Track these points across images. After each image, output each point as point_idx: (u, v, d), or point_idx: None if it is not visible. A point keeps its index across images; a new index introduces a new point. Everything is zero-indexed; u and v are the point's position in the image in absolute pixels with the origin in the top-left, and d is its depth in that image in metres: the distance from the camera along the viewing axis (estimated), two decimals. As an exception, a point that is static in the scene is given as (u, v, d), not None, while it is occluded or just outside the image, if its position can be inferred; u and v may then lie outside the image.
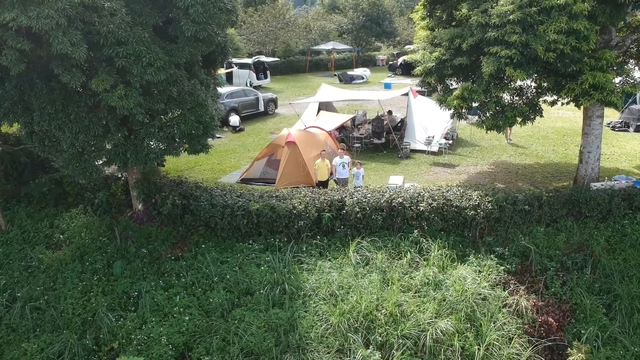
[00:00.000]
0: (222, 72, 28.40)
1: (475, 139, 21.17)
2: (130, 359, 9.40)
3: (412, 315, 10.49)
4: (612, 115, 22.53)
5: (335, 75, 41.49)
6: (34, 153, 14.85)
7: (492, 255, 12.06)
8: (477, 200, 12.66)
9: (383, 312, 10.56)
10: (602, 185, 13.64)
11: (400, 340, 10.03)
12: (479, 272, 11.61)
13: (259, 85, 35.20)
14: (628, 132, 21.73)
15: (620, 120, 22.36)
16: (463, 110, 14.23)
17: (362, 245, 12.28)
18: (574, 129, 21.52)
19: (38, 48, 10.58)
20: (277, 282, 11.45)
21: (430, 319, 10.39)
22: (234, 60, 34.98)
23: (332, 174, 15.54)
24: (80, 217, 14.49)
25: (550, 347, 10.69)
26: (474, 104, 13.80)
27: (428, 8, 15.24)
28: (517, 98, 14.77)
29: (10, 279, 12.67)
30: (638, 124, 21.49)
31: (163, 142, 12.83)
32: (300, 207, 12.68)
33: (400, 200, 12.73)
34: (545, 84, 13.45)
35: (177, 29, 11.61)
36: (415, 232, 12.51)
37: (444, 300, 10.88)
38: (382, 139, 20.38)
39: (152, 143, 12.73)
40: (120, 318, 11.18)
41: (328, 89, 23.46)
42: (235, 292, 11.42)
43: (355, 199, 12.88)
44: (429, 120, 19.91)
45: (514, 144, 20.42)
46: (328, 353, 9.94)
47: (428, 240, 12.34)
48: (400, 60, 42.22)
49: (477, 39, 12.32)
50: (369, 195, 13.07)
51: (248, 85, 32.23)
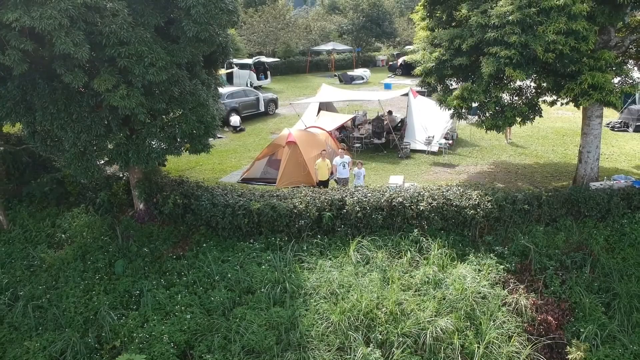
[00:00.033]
0: (222, 72, 28.41)
1: (475, 139, 21.23)
2: (133, 357, 9.43)
3: (412, 314, 10.54)
4: (611, 116, 22.59)
5: (336, 76, 41.55)
6: (36, 153, 14.90)
7: (491, 254, 12.13)
8: (476, 200, 12.71)
9: (383, 310, 10.61)
10: (601, 185, 13.69)
11: (401, 339, 10.09)
12: (479, 271, 11.67)
13: (260, 86, 35.26)
14: (627, 132, 21.79)
15: (620, 121, 22.42)
16: (463, 110, 14.30)
17: (362, 244, 12.34)
18: (574, 129, 21.59)
19: (40, 48, 10.62)
20: (278, 280, 11.51)
21: (430, 318, 10.44)
22: (235, 61, 35.06)
23: (332, 174, 15.60)
24: (82, 216, 14.55)
25: (550, 345, 10.75)
26: (474, 104, 13.85)
27: (428, 9, 15.31)
28: (516, 98, 14.84)
29: (13, 278, 12.73)
30: (637, 124, 21.54)
31: (164, 141, 12.89)
32: (301, 206, 12.74)
33: (401, 200, 12.79)
34: (545, 84, 13.52)
35: (178, 30, 11.68)
36: (415, 231, 12.57)
37: (444, 299, 10.94)
38: (382, 139, 20.44)
39: (153, 143, 12.80)
40: (122, 316, 11.24)
41: (328, 90, 23.49)
42: (237, 290, 11.48)
43: (356, 199, 12.94)
44: (429, 121, 19.97)
45: (514, 144, 20.48)
46: (329, 351, 10.00)
47: (428, 240, 12.41)
48: (400, 61, 42.28)
49: (476, 40, 12.39)
50: (369, 195, 13.13)
51: (248, 86, 32.28)
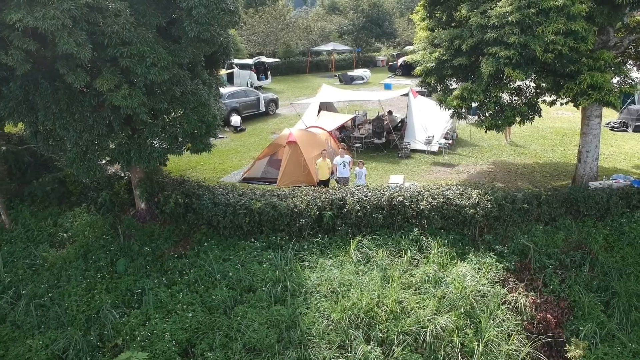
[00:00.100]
0: (223, 72, 28.48)
1: (475, 139, 21.29)
2: (135, 354, 9.49)
3: (412, 312, 10.62)
4: (610, 116, 22.66)
5: (336, 76, 41.60)
6: (38, 152, 14.94)
7: (491, 253, 12.20)
8: (476, 199, 12.78)
9: (384, 308, 10.68)
10: (600, 185, 13.75)
11: (401, 337, 10.16)
12: (479, 269, 11.73)
13: (260, 86, 35.31)
14: (627, 132, 21.85)
15: (619, 121, 22.48)
16: (463, 110, 14.36)
17: (362, 243, 12.41)
18: (573, 129, 21.65)
19: (43, 48, 10.67)
20: (279, 279, 11.57)
21: (430, 316, 10.51)
22: (235, 61, 35.11)
23: (332, 173, 15.67)
24: (84, 215, 14.63)
25: (549, 343, 10.82)
26: (474, 104, 13.92)
27: (428, 9, 15.38)
28: (516, 98, 14.90)
29: (15, 277, 12.82)
30: (636, 124, 21.60)
31: (166, 141, 12.95)
32: (302, 205, 12.81)
33: (401, 199, 12.86)
34: (544, 84, 13.58)
35: (180, 30, 11.75)
36: (416, 230, 12.64)
37: (444, 298, 11.01)
38: (382, 139, 20.51)
39: (155, 142, 12.85)
40: (124, 315, 11.31)
41: (328, 90, 23.55)
42: (238, 289, 11.55)
43: (356, 198, 13.01)
44: (429, 120, 20.03)
45: (513, 144, 20.54)
46: (329, 349, 10.06)
47: (428, 239, 12.48)
48: (400, 61, 42.31)
49: (476, 40, 12.45)
50: (370, 194, 13.20)
51: (249, 86, 32.35)
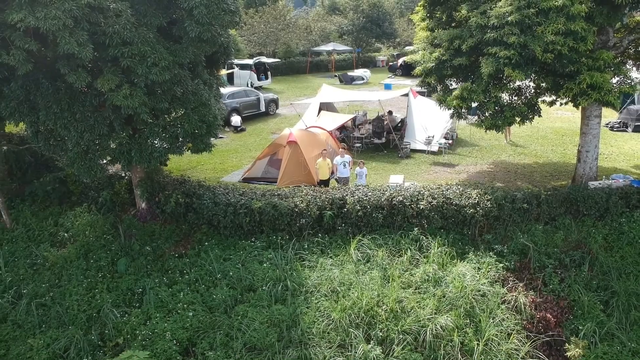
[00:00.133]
0: (223, 73, 28.52)
1: (475, 139, 21.33)
2: (136, 353, 9.52)
3: (412, 311, 10.65)
4: (610, 116, 22.69)
5: (336, 76, 41.64)
6: (38, 152, 15.00)
7: (491, 253, 12.23)
8: (476, 199, 12.81)
9: (384, 308, 10.72)
10: (599, 184, 13.78)
11: (401, 336, 10.19)
12: (478, 269, 11.77)
13: (260, 86, 35.36)
14: (626, 132, 21.88)
15: (619, 121, 22.51)
16: (462, 110, 14.40)
17: (363, 243, 12.44)
18: (573, 129, 21.68)
19: (44, 48, 10.73)
20: (279, 278, 11.61)
21: (430, 315, 10.55)
22: (235, 61, 35.15)
23: (333, 173, 15.70)
24: (85, 215, 14.66)
25: (549, 342, 10.85)
26: (474, 104, 13.96)
27: (428, 9, 15.41)
28: (515, 98, 14.93)
29: (16, 276, 12.86)
30: (636, 124, 21.63)
31: (167, 141, 12.99)
32: (302, 205, 12.84)
33: (401, 199, 12.89)
34: (544, 84, 13.62)
35: (181, 30, 11.79)
36: (416, 230, 12.67)
37: (444, 297, 11.04)
38: (382, 139, 20.55)
39: (156, 142, 12.89)
40: (125, 314, 11.35)
41: (329, 90, 23.58)
42: (238, 288, 11.59)
43: (356, 198, 13.04)
44: (429, 120, 20.07)
45: (513, 144, 20.58)
46: (330, 348, 10.09)
47: (428, 238, 12.51)
48: (400, 61, 42.34)
49: (476, 40, 12.49)
50: (370, 194, 13.23)
51: (249, 86, 32.39)
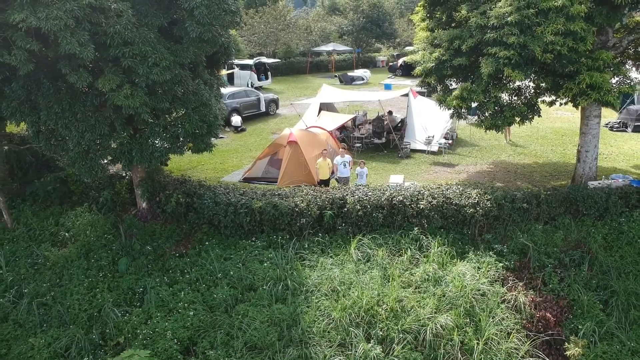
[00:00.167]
0: (223, 73, 28.53)
1: (475, 139, 21.36)
2: (137, 352, 9.55)
3: (412, 311, 10.69)
4: (610, 116, 22.73)
5: (336, 77, 41.67)
6: (39, 152, 15.02)
7: (490, 252, 12.27)
8: (476, 199, 12.84)
9: (384, 307, 10.75)
10: (599, 184, 13.81)
11: (401, 335, 10.23)
12: (478, 268, 11.81)
13: (260, 86, 35.39)
14: (626, 132, 21.92)
15: (619, 121, 22.55)
16: (462, 110, 14.43)
17: (363, 243, 12.48)
18: (573, 129, 21.72)
19: (45, 48, 10.76)
20: (279, 278, 11.64)
21: (430, 314, 10.58)
22: (236, 62, 35.18)
23: (333, 173, 15.74)
24: (85, 215, 14.70)
25: (548, 341, 10.89)
26: (473, 104, 13.99)
27: (428, 9, 15.44)
28: (515, 98, 14.96)
29: (17, 276, 12.89)
30: (636, 124, 21.67)
31: (168, 141, 13.03)
32: (302, 205, 12.87)
33: (401, 199, 12.92)
34: (543, 84, 13.65)
35: (182, 30, 11.82)
36: (416, 229, 12.70)
37: (444, 296, 11.07)
38: (382, 139, 20.58)
39: (157, 142, 12.92)
40: (126, 313, 11.39)
41: (329, 90, 23.61)
42: (239, 288, 11.62)
43: (357, 197, 13.07)
44: (429, 121, 20.10)
45: (513, 144, 20.61)
46: (330, 347, 10.13)
47: (428, 238, 12.55)
48: (400, 62, 42.38)
49: (476, 40, 12.52)
50: (370, 194, 13.26)
51: (249, 86, 32.43)
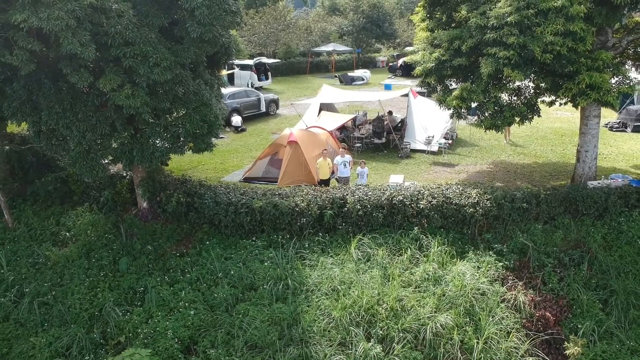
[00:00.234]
0: (224, 73, 28.56)
1: (475, 139, 21.39)
2: (138, 351, 9.59)
3: (412, 310, 10.72)
4: (610, 116, 22.77)
5: (336, 77, 41.70)
6: (40, 152, 15.05)
7: (490, 252, 12.29)
8: (476, 198, 12.87)
9: (384, 306, 10.78)
10: (598, 184, 13.84)
11: (401, 334, 10.26)
12: (478, 268, 11.83)
13: (261, 87, 35.43)
14: (625, 132, 21.95)
15: (618, 121, 22.59)
16: (462, 110, 14.46)
17: (363, 242, 12.51)
18: (572, 130, 21.75)
19: (47, 48, 10.79)
20: (280, 277, 11.67)
21: (430, 314, 10.62)
22: (236, 62, 35.20)
23: (333, 173, 15.77)
24: (86, 215, 14.73)
25: (548, 341, 10.92)
26: (473, 104, 14.03)
27: (428, 10, 15.48)
28: (515, 98, 14.99)
29: (18, 275, 12.92)
30: (635, 124, 21.71)
31: (168, 140, 13.06)
32: (303, 204, 12.90)
33: (401, 198, 12.96)
34: (543, 84, 13.68)
35: (182, 30, 11.85)
36: (416, 229, 12.73)
37: (444, 295, 11.11)
38: (382, 139, 20.61)
39: (157, 142, 12.95)
40: (127, 313, 11.42)
41: (329, 90, 23.64)
42: (239, 287, 11.65)
43: (357, 197, 13.10)
44: (429, 121, 20.14)
45: (513, 144, 20.65)
46: (330, 346, 10.16)
47: (428, 237, 12.58)
48: (400, 62, 42.41)
49: (476, 41, 12.56)
50: (370, 193, 13.29)
51: (249, 87, 32.47)
